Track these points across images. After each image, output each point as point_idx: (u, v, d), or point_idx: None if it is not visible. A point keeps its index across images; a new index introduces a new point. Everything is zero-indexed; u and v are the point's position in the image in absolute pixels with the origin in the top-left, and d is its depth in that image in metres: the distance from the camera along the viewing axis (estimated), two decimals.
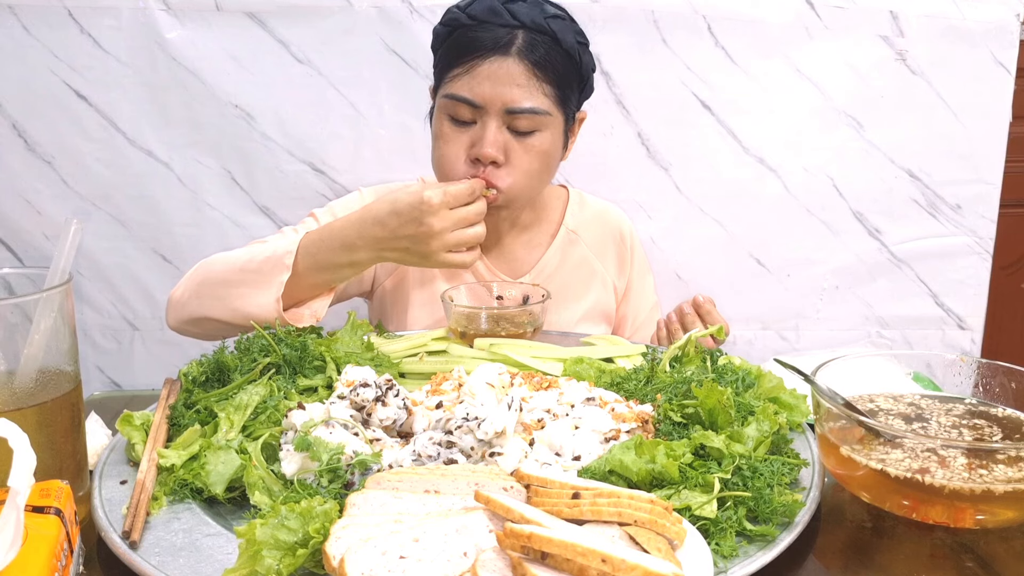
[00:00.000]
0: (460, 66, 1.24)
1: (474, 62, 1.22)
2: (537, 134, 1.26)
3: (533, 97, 1.23)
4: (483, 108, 1.23)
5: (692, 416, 0.91)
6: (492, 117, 1.23)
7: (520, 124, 1.24)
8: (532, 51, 1.22)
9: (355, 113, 1.79)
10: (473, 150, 1.24)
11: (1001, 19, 1.82)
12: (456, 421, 0.85)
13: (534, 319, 1.24)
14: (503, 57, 1.21)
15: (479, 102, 1.22)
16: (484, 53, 1.22)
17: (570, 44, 1.25)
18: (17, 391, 0.76)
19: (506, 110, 1.22)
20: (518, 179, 1.26)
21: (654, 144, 1.85)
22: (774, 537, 0.74)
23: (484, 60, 1.22)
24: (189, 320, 1.24)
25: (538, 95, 1.24)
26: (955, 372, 0.98)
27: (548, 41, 1.23)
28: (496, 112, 1.23)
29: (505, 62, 1.21)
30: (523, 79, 1.22)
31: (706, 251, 1.92)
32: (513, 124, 1.24)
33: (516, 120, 1.23)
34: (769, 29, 1.80)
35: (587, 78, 1.33)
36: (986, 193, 1.93)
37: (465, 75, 1.23)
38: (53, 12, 1.68)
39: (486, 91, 1.22)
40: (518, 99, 1.22)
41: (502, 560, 0.63)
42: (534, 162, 1.27)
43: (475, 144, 1.24)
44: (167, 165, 1.79)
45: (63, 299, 0.78)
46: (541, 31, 1.23)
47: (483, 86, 1.22)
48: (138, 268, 1.84)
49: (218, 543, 0.75)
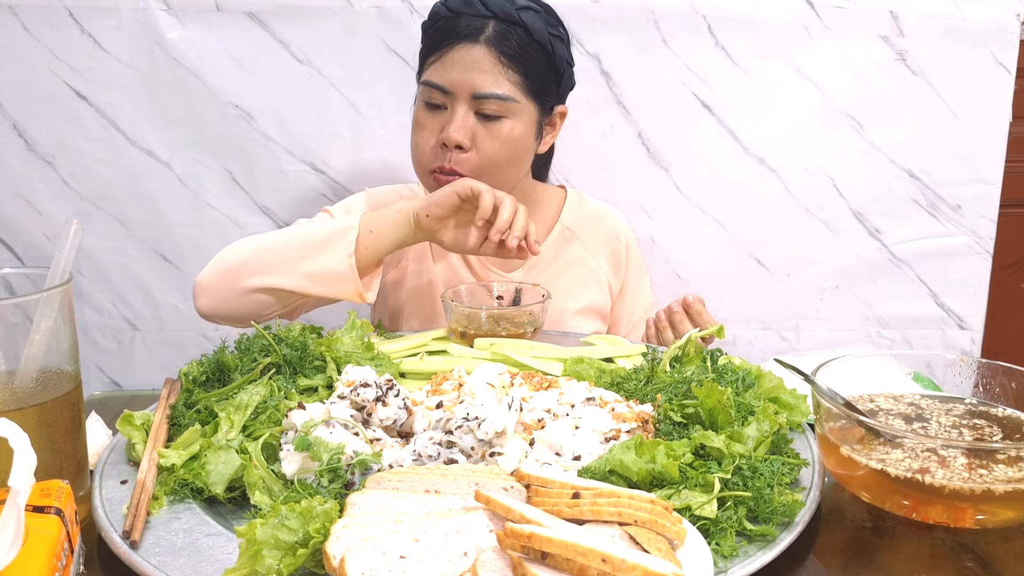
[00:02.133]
0: (435, 54, 1.31)
1: (446, 49, 1.29)
2: (505, 120, 1.30)
3: (499, 84, 1.28)
4: (452, 94, 1.29)
5: (692, 416, 0.91)
6: (460, 102, 1.29)
7: (487, 109, 1.29)
8: (502, 40, 1.28)
9: (355, 113, 1.79)
10: (441, 135, 1.30)
11: (1001, 19, 1.82)
12: (456, 421, 0.85)
13: (534, 319, 1.24)
14: (472, 44, 1.27)
15: (448, 87, 1.29)
16: (455, 41, 1.28)
17: (541, 35, 1.30)
18: (17, 391, 0.76)
19: (472, 95, 1.28)
20: (483, 164, 1.30)
21: (654, 144, 1.85)
22: (774, 537, 0.74)
23: (454, 47, 1.28)
24: (245, 292, 1.21)
25: (504, 82, 1.28)
26: (955, 372, 0.98)
27: (519, 31, 1.28)
28: (464, 97, 1.29)
29: (473, 49, 1.27)
30: (488, 65, 1.27)
31: (706, 251, 1.92)
32: (481, 109, 1.29)
33: (483, 105, 1.29)
34: (769, 29, 1.80)
35: (563, 70, 1.36)
36: (986, 193, 1.93)
37: (438, 62, 1.30)
38: (53, 12, 1.68)
39: (454, 77, 1.28)
40: (484, 84, 1.28)
41: (502, 560, 0.63)
42: (501, 149, 1.31)
43: (444, 129, 1.30)
44: (167, 165, 1.79)
45: (63, 299, 0.78)
46: (512, 21, 1.28)
47: (452, 72, 1.28)
48: (138, 268, 1.84)
49: (218, 543, 0.75)
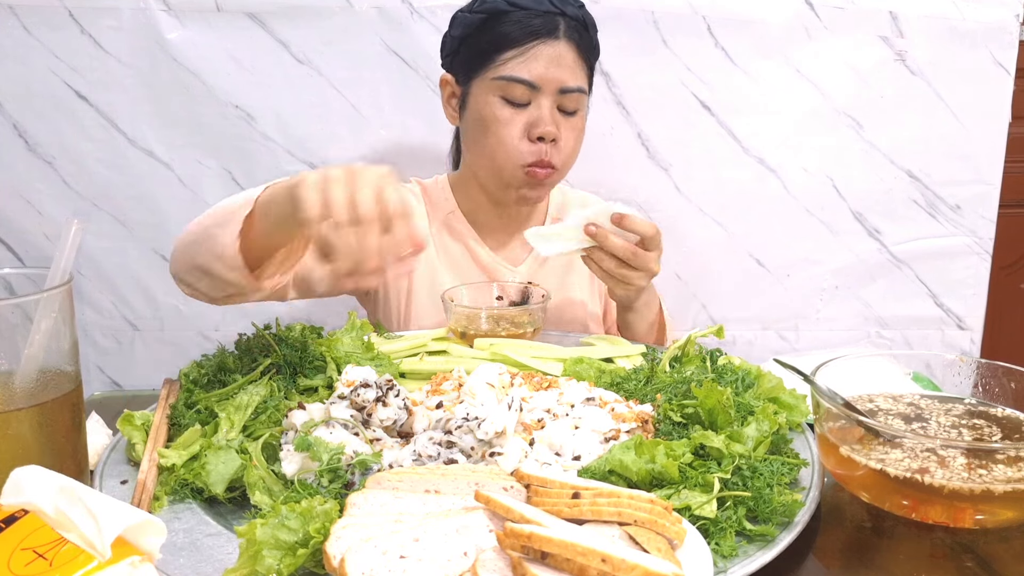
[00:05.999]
0: (513, 49, 1.29)
1: (529, 45, 1.29)
2: (579, 113, 1.35)
3: (578, 77, 1.32)
4: (539, 88, 1.30)
5: (692, 416, 0.91)
6: (546, 96, 1.30)
7: (568, 103, 1.32)
8: (574, 34, 1.31)
9: (355, 113, 1.79)
10: (535, 130, 1.30)
11: (1001, 19, 1.82)
12: (456, 421, 0.85)
13: (534, 319, 1.24)
14: (555, 40, 1.29)
15: (537, 83, 1.29)
16: (537, 36, 1.29)
17: (594, 32, 1.37)
18: (17, 391, 0.76)
19: (559, 90, 1.30)
20: (567, 157, 1.35)
21: (654, 144, 1.86)
22: (774, 537, 0.74)
23: (538, 42, 1.29)
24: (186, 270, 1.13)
25: (581, 76, 1.33)
26: (955, 372, 0.98)
27: (582, 28, 1.33)
28: (551, 91, 1.30)
29: (557, 44, 1.29)
30: (571, 60, 1.31)
31: (706, 251, 1.92)
32: (562, 104, 1.32)
33: (565, 100, 1.31)
34: (769, 29, 1.80)
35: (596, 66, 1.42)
36: (986, 193, 1.93)
37: (519, 57, 1.29)
38: (53, 12, 1.68)
39: (542, 71, 1.29)
40: (569, 79, 1.30)
41: (502, 560, 0.63)
42: (577, 140, 1.37)
43: (533, 124, 1.30)
44: (167, 165, 1.79)
45: (64, 299, 0.78)
46: (576, 19, 1.32)
47: (539, 67, 1.29)
48: (138, 268, 1.84)
49: (218, 543, 0.75)
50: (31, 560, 0.56)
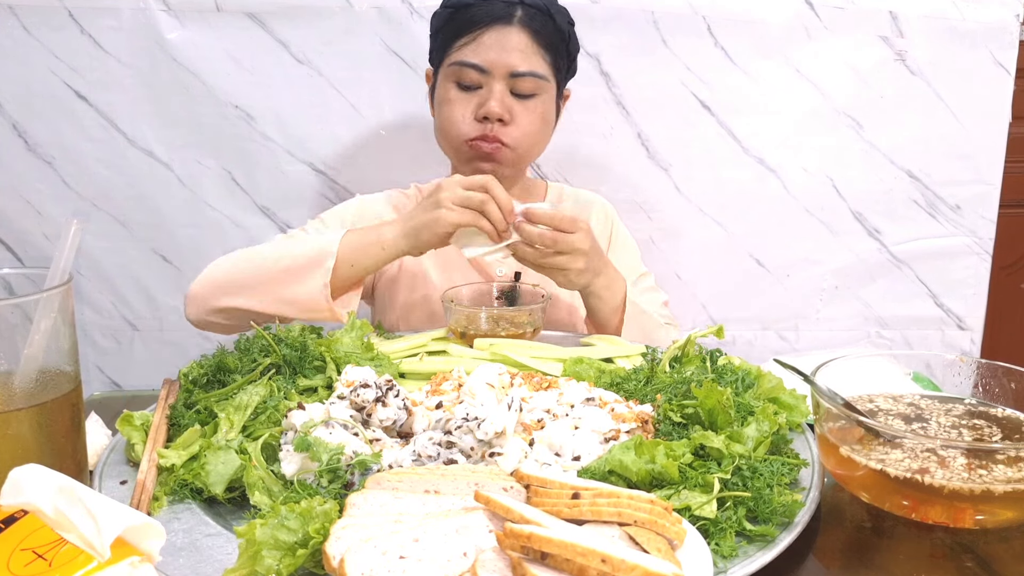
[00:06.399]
0: (466, 36, 1.36)
1: (479, 32, 1.35)
2: (536, 97, 1.39)
3: (533, 62, 1.36)
4: (489, 72, 1.35)
5: (692, 416, 0.90)
6: (496, 80, 1.35)
7: (522, 87, 1.37)
8: (531, 21, 1.35)
9: (355, 113, 1.79)
10: (481, 110, 1.36)
11: (1001, 19, 1.82)
12: (456, 421, 0.85)
13: (534, 319, 1.24)
14: (506, 26, 1.34)
15: (486, 66, 1.35)
16: (488, 23, 1.34)
17: (561, 20, 1.39)
18: (17, 391, 0.76)
19: (510, 74, 1.35)
20: (521, 137, 1.38)
21: (654, 144, 1.86)
22: (774, 537, 0.74)
23: (488, 29, 1.34)
24: (218, 311, 1.26)
25: (537, 60, 1.37)
26: (955, 372, 0.98)
27: (543, 15, 1.36)
28: (501, 75, 1.35)
29: (508, 30, 1.34)
30: (524, 45, 1.35)
31: (706, 251, 1.92)
32: (516, 87, 1.37)
33: (518, 83, 1.36)
34: (769, 29, 1.80)
35: (574, 57, 1.45)
36: (986, 193, 1.93)
37: (471, 43, 1.35)
38: (53, 12, 1.68)
39: (491, 56, 1.34)
40: (520, 63, 1.35)
41: (502, 560, 0.63)
42: (535, 122, 1.39)
43: (482, 105, 1.36)
44: (167, 165, 1.79)
45: (63, 299, 0.78)
46: (536, 7, 1.36)
47: (489, 52, 1.34)
48: (138, 268, 1.85)
49: (218, 543, 0.75)
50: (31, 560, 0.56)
